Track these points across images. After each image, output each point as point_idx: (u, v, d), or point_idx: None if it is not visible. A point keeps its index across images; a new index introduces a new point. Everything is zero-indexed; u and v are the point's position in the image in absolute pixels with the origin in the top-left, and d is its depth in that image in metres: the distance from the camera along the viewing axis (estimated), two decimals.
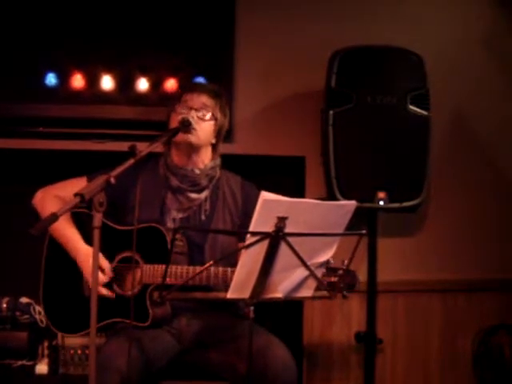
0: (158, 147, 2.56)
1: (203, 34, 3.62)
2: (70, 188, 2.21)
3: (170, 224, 2.78)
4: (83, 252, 2.69)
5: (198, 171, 2.83)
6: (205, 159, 2.86)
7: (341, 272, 2.49)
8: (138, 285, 2.67)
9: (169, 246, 2.64)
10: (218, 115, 2.85)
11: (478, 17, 3.97)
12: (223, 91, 2.94)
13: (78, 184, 2.60)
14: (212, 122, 2.83)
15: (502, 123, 3.98)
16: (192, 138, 2.76)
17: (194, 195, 2.83)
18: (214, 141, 2.88)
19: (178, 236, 2.74)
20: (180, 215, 2.82)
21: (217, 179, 2.89)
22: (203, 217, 2.84)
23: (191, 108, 2.79)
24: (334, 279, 2.48)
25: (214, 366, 2.73)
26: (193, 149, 2.81)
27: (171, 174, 2.83)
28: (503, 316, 3.96)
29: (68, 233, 2.74)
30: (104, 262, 2.68)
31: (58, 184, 2.84)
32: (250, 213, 2.14)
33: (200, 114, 2.79)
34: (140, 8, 3.59)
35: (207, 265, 2.37)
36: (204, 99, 2.82)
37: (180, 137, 2.74)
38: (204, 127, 2.80)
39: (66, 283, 2.77)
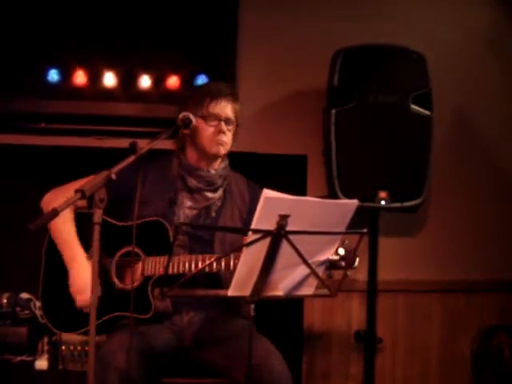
0: (162, 145, 2.56)
1: (206, 32, 3.62)
2: None
3: (182, 219, 2.80)
4: (79, 267, 2.70)
5: (213, 171, 2.86)
6: (219, 160, 2.90)
7: (342, 253, 2.51)
8: (140, 277, 2.68)
9: (171, 240, 2.65)
10: (239, 119, 2.89)
11: (480, 16, 3.97)
12: (237, 91, 2.96)
13: None
14: (234, 129, 2.88)
15: (503, 123, 3.98)
16: (222, 151, 2.83)
17: (210, 194, 2.87)
18: None
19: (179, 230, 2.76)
20: (194, 212, 2.84)
21: (228, 178, 2.93)
22: (213, 213, 2.86)
23: (221, 120, 2.81)
24: (334, 258, 2.50)
25: (213, 366, 2.72)
26: (219, 157, 2.87)
27: (187, 175, 2.85)
28: (503, 316, 3.96)
29: (67, 239, 2.75)
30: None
31: (66, 185, 2.81)
32: (254, 212, 2.14)
33: (229, 127, 2.83)
34: (143, 5, 3.59)
35: (208, 262, 2.38)
36: (230, 108, 2.84)
37: (210, 149, 2.80)
38: (231, 138, 2.86)
39: (66, 279, 2.77)
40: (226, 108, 2.83)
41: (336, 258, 2.55)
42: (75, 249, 2.74)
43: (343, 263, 2.54)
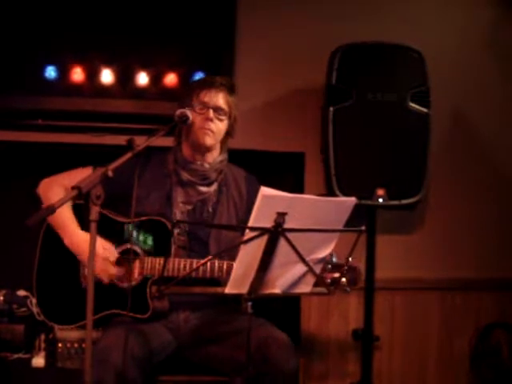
0: (159, 142, 2.55)
1: (204, 29, 3.61)
2: (75, 178, 2.21)
3: (179, 216, 2.79)
4: (79, 239, 2.69)
5: (207, 165, 2.85)
6: (214, 154, 2.89)
7: (344, 268, 2.49)
8: (139, 277, 2.67)
9: (169, 241, 2.65)
10: (232, 111, 2.86)
11: (479, 15, 3.97)
12: (234, 84, 2.93)
13: (83, 174, 2.54)
14: (227, 121, 2.86)
15: (501, 121, 3.98)
16: (209, 141, 2.81)
17: (203, 188, 2.86)
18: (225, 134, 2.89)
19: (178, 230, 2.75)
20: (188, 207, 2.83)
21: (224, 172, 2.91)
22: (210, 209, 2.85)
23: (209, 107, 2.79)
24: (336, 275, 2.49)
25: (215, 360, 2.73)
26: (208, 148, 2.84)
27: (181, 169, 2.84)
28: (501, 314, 3.96)
29: (65, 219, 2.74)
30: (106, 244, 2.67)
31: (63, 174, 2.84)
32: (252, 205, 2.13)
33: (218, 115, 2.81)
34: (141, 2, 3.58)
35: (206, 259, 2.37)
36: (221, 98, 2.82)
37: (198, 138, 2.78)
38: (220, 127, 2.83)
39: (61, 273, 2.77)
40: (215, 97, 2.81)
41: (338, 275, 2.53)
42: (70, 225, 2.73)
43: (346, 267, 2.52)
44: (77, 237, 2.70)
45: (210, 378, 2.75)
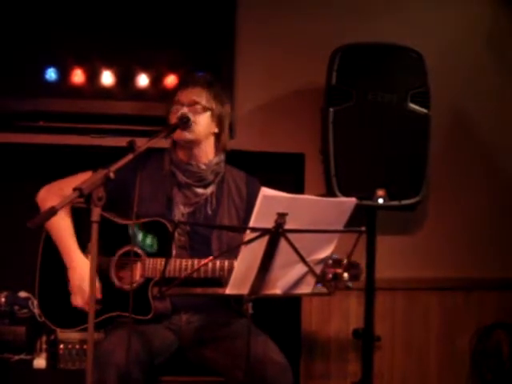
0: (158, 143, 2.56)
1: (204, 30, 3.62)
2: (75, 184, 2.21)
3: (179, 217, 2.78)
4: (77, 267, 2.70)
5: (203, 166, 2.82)
6: (208, 152, 2.85)
7: (345, 263, 2.49)
8: (140, 278, 2.67)
9: (170, 242, 2.65)
10: (213, 105, 2.81)
11: (479, 15, 3.97)
12: (215, 79, 2.90)
13: (82, 179, 2.55)
14: (208, 114, 2.80)
15: (501, 122, 3.98)
16: (188, 135, 2.76)
17: (200, 190, 2.84)
18: (216, 130, 2.85)
19: (179, 230, 2.75)
20: (187, 209, 2.82)
21: (222, 174, 2.89)
22: (209, 211, 2.83)
23: (183, 105, 2.77)
24: (338, 270, 2.49)
25: (212, 364, 2.73)
26: (192, 144, 2.81)
27: (177, 170, 2.83)
28: (501, 315, 3.96)
29: (65, 236, 2.74)
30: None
31: (62, 180, 2.82)
32: (252, 207, 2.13)
33: (193, 109, 2.77)
34: (141, 3, 3.59)
35: (208, 259, 2.38)
36: (195, 92, 2.79)
37: (177, 135, 2.75)
38: (200, 121, 2.78)
39: (63, 277, 2.76)
40: (190, 93, 2.78)
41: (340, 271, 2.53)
42: (72, 247, 2.73)
43: (345, 262, 2.52)
44: (79, 270, 2.70)
45: (212, 379, 2.75)
